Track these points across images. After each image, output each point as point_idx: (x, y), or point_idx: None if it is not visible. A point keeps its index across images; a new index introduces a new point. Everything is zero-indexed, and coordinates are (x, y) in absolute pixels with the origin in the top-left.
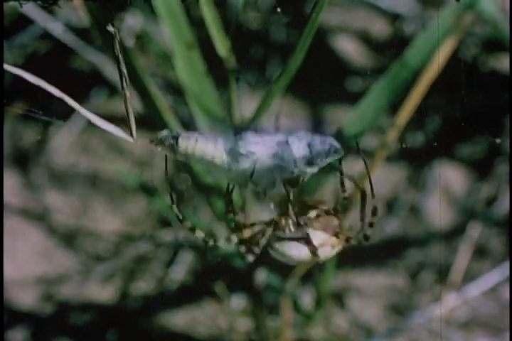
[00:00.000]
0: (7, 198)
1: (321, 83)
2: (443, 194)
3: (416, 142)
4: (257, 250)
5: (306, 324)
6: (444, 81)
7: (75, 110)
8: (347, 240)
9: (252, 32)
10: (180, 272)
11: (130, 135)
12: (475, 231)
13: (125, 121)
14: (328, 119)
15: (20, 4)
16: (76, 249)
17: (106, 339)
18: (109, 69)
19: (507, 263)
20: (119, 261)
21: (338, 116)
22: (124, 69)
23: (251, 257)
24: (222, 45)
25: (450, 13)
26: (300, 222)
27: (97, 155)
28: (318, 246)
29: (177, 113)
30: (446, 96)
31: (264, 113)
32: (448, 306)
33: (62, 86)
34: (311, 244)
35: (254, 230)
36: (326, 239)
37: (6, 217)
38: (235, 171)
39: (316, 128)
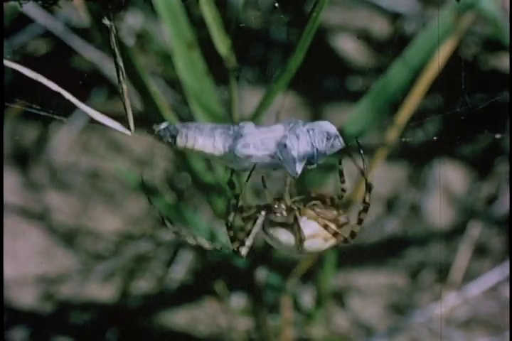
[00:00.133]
0: (7, 198)
1: (321, 82)
2: (443, 193)
3: (416, 141)
4: (248, 242)
5: (307, 323)
6: (444, 80)
7: (75, 108)
8: (334, 235)
9: (252, 31)
10: (180, 271)
11: (128, 129)
12: (475, 231)
13: (125, 121)
14: (328, 118)
15: (21, 4)
16: (76, 248)
17: (106, 338)
18: (109, 68)
19: (507, 263)
20: (119, 261)
21: (339, 115)
22: (120, 63)
23: (244, 250)
24: (222, 44)
25: (450, 12)
26: (292, 207)
27: (96, 154)
28: (309, 237)
29: (177, 111)
30: (446, 95)
31: (264, 112)
32: (448, 305)
33: (63, 85)
34: (300, 232)
35: (249, 214)
36: (318, 231)
37: (6, 217)
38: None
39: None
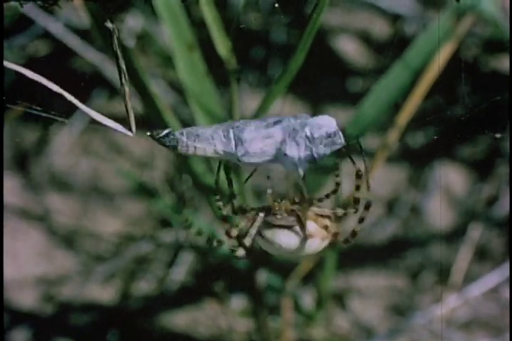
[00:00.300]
0: (7, 199)
1: (321, 83)
2: (444, 195)
3: (417, 142)
4: (247, 242)
5: (307, 324)
6: (444, 81)
7: (75, 110)
8: (335, 235)
9: (252, 32)
10: (180, 272)
11: (129, 130)
12: (475, 232)
13: (125, 122)
14: None
15: (21, 4)
16: (76, 250)
17: (106, 339)
18: (109, 69)
19: (507, 264)
20: (119, 262)
21: (339, 117)
22: (123, 66)
23: (241, 251)
24: (222, 45)
25: (451, 13)
26: (293, 208)
27: (97, 156)
28: (308, 237)
29: (177, 113)
30: (446, 96)
31: (265, 113)
32: (449, 307)
33: (63, 86)
34: (303, 232)
35: (248, 216)
36: (316, 231)
37: (7, 218)
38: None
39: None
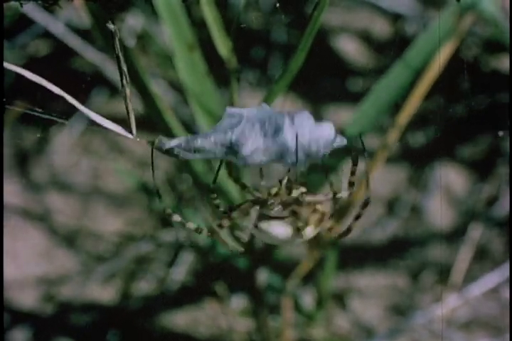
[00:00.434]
0: (8, 199)
1: (322, 83)
2: (444, 194)
3: (417, 142)
4: (243, 237)
5: (307, 324)
6: (445, 81)
7: (75, 111)
8: (330, 229)
9: (253, 32)
10: (181, 272)
11: (130, 132)
12: (476, 232)
13: (125, 122)
14: (329, 119)
15: (21, 4)
16: (77, 250)
17: (107, 339)
18: (110, 69)
19: (507, 264)
20: (119, 262)
21: (340, 116)
22: (124, 68)
23: (239, 247)
24: (223, 45)
25: (451, 13)
26: (289, 200)
27: (97, 155)
28: (301, 228)
29: (178, 113)
30: (447, 96)
31: None
32: (449, 307)
33: (63, 86)
34: (298, 221)
35: (241, 210)
36: (308, 219)
37: (7, 217)
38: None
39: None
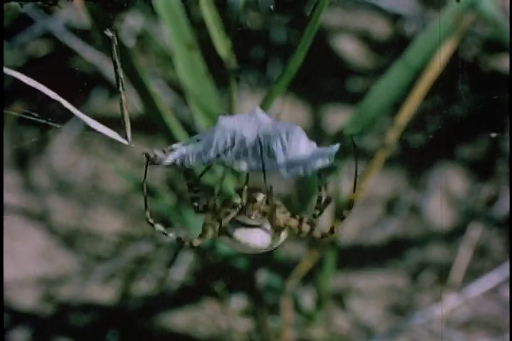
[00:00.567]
0: (8, 199)
1: (321, 83)
2: (443, 194)
3: (416, 142)
4: (210, 235)
5: (307, 324)
6: (444, 81)
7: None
8: (311, 226)
9: (252, 32)
10: (180, 272)
11: (125, 138)
12: (475, 232)
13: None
14: (328, 119)
15: (21, 4)
16: (76, 250)
17: (106, 339)
18: (109, 69)
19: (507, 264)
20: (119, 262)
21: (339, 116)
22: (121, 74)
23: (198, 241)
24: (222, 45)
25: (451, 13)
26: (266, 210)
27: (97, 156)
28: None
29: (177, 113)
30: (446, 96)
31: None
32: (448, 306)
33: (63, 86)
34: (272, 229)
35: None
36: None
37: (7, 218)
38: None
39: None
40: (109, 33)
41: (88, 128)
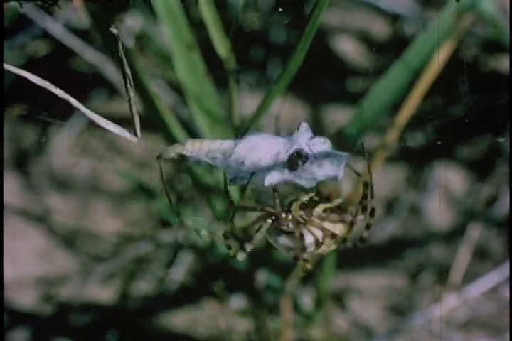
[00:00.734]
0: (7, 199)
1: (321, 83)
2: (443, 195)
3: (416, 142)
4: (249, 247)
5: (307, 324)
6: (444, 81)
7: (74, 111)
8: (343, 241)
9: (252, 32)
10: (180, 273)
11: (134, 135)
12: (475, 232)
13: (125, 122)
14: (328, 119)
15: (21, 4)
16: (76, 250)
17: (106, 339)
18: (109, 70)
19: (507, 264)
20: (119, 262)
21: (339, 117)
22: (128, 71)
23: (242, 255)
24: (222, 45)
25: (450, 13)
26: (299, 219)
27: (96, 156)
28: (310, 245)
29: (177, 113)
30: (446, 96)
31: (264, 113)
32: (448, 307)
33: (63, 87)
34: (303, 241)
35: (252, 218)
36: (321, 237)
37: (6, 218)
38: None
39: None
40: (114, 30)
41: (94, 125)
